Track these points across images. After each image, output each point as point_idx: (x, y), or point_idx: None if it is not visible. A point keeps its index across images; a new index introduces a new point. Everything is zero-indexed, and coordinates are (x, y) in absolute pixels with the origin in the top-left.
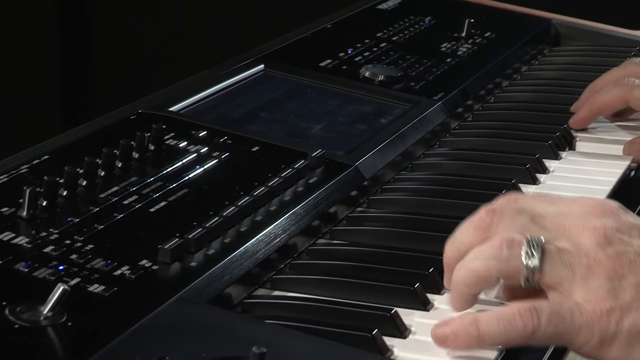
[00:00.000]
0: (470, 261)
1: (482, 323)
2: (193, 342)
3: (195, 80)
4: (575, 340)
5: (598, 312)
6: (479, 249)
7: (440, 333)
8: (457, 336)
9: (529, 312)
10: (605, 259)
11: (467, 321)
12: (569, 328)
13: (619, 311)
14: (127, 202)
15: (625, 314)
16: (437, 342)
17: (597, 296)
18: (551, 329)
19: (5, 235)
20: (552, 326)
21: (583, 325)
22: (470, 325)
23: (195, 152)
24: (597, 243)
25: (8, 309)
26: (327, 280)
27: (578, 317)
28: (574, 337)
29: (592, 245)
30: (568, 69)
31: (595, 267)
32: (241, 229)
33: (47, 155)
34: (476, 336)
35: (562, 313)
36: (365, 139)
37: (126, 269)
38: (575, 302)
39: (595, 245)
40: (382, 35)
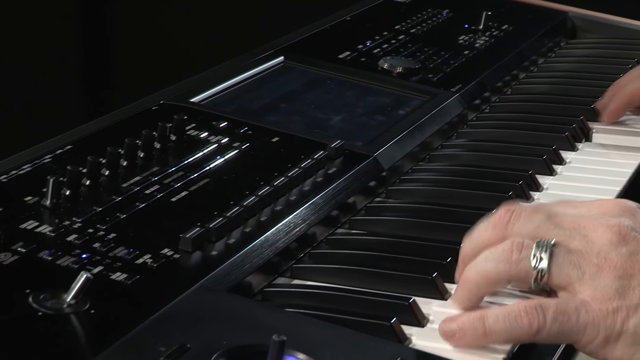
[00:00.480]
0: (482, 263)
1: (488, 320)
2: (214, 329)
3: (216, 71)
4: (581, 338)
5: (604, 311)
6: (490, 251)
7: (447, 328)
8: (464, 332)
9: (534, 310)
10: (616, 258)
11: (474, 317)
12: (574, 326)
13: (626, 310)
14: (149, 192)
15: (632, 313)
16: (444, 338)
17: (605, 295)
18: (556, 327)
19: (29, 224)
20: (557, 324)
21: (588, 324)
22: (477, 321)
23: (216, 143)
24: (610, 241)
25: (32, 297)
26: (346, 269)
27: (584, 315)
28: (579, 335)
29: (605, 244)
30: (584, 61)
31: (605, 266)
32: (261, 218)
33: (70, 145)
34: (482, 333)
35: (568, 311)
36: (383, 130)
37: (148, 258)
38: (582, 301)
39: (608, 244)
40: (400, 28)
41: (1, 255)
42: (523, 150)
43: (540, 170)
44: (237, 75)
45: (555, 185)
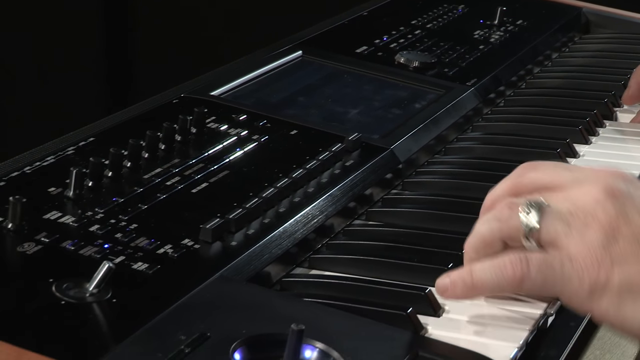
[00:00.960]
0: (477, 227)
1: (476, 272)
2: (233, 318)
3: (235, 65)
4: (565, 290)
5: (589, 263)
6: (484, 214)
7: (440, 283)
8: (455, 285)
9: (518, 260)
10: (603, 215)
11: (463, 271)
12: (559, 278)
13: (610, 262)
14: (170, 183)
15: (617, 266)
16: (439, 293)
17: (590, 248)
18: (540, 277)
19: (52, 215)
20: (541, 275)
21: (573, 276)
22: (466, 274)
23: (236, 135)
24: (597, 199)
25: (55, 286)
26: (363, 259)
27: (568, 267)
28: (563, 287)
29: (592, 202)
30: (598, 56)
31: (592, 222)
32: (280, 209)
33: (92, 138)
34: (471, 284)
35: (553, 263)
36: (400, 123)
37: (169, 248)
38: (568, 254)
39: (594, 202)
40: (416, 23)
41: (25, 245)
42: (537, 144)
43: None
44: (256, 69)
45: None
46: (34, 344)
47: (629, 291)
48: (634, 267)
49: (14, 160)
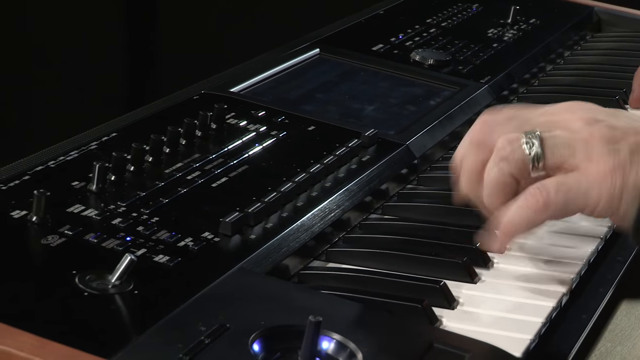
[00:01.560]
0: (487, 175)
1: (503, 217)
2: (252, 310)
3: (254, 63)
4: (587, 203)
5: (602, 173)
6: (489, 161)
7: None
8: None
9: (537, 189)
10: (597, 131)
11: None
12: (578, 194)
13: (621, 168)
14: (191, 178)
15: (628, 169)
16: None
17: (599, 160)
18: (561, 197)
19: (75, 208)
20: (561, 195)
21: (590, 188)
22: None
23: (255, 131)
24: (587, 123)
25: (78, 278)
26: (378, 253)
27: (584, 182)
28: (585, 200)
29: (583, 126)
30: (609, 54)
31: (591, 139)
32: (298, 203)
33: (115, 133)
34: (504, 230)
35: (568, 182)
36: (415, 119)
37: (189, 241)
38: (579, 171)
39: (586, 125)
40: (431, 21)
41: (49, 238)
42: None
43: None
44: (274, 66)
45: None
46: (58, 335)
47: None
48: None
49: (38, 155)
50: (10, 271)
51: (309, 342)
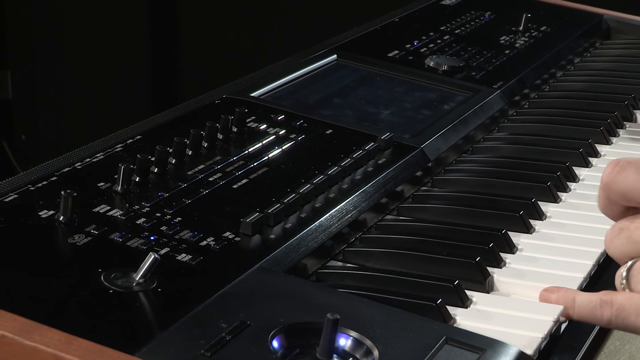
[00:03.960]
0: None
1: (576, 303)
2: (272, 308)
3: (274, 68)
4: None
5: None
6: None
7: (545, 297)
8: None
9: (606, 305)
10: None
11: (568, 297)
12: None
13: None
14: (212, 179)
15: None
16: (541, 300)
17: None
18: (620, 322)
19: (101, 208)
20: (620, 320)
21: None
22: (569, 302)
23: (274, 134)
24: None
25: (103, 276)
26: (394, 252)
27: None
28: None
29: None
30: (618, 60)
31: None
32: (316, 205)
33: (139, 136)
34: (571, 313)
35: (627, 309)
36: (429, 123)
37: (211, 240)
38: None
39: None
40: (445, 29)
41: (75, 237)
42: (560, 144)
43: (577, 162)
44: (294, 72)
45: (591, 177)
46: (84, 331)
47: None
48: None
49: (66, 157)
50: (38, 269)
51: (326, 339)
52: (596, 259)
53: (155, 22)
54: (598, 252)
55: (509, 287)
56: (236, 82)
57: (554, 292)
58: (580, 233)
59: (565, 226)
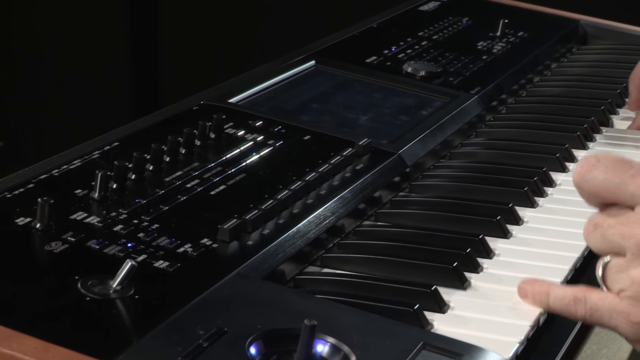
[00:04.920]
0: None
1: (550, 297)
2: (249, 314)
3: (252, 74)
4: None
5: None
6: None
7: (523, 288)
8: (533, 299)
9: (579, 301)
10: None
11: (543, 290)
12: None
13: None
14: (190, 186)
15: None
16: (518, 292)
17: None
18: (595, 321)
19: (78, 215)
20: (595, 319)
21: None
22: (544, 295)
23: (252, 141)
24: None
25: (80, 283)
26: (372, 258)
27: (615, 317)
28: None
29: None
30: (595, 65)
31: None
32: (294, 210)
33: (117, 142)
34: (546, 305)
35: (601, 310)
36: (407, 129)
37: (189, 247)
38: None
39: None
40: (423, 34)
41: (52, 244)
42: (537, 149)
43: (554, 167)
44: (271, 77)
45: (568, 182)
46: (61, 338)
47: None
48: None
49: (43, 164)
50: (15, 277)
51: (304, 345)
52: (573, 263)
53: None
54: (575, 256)
55: (486, 292)
56: (214, 88)
57: (531, 283)
58: (558, 238)
59: (543, 231)
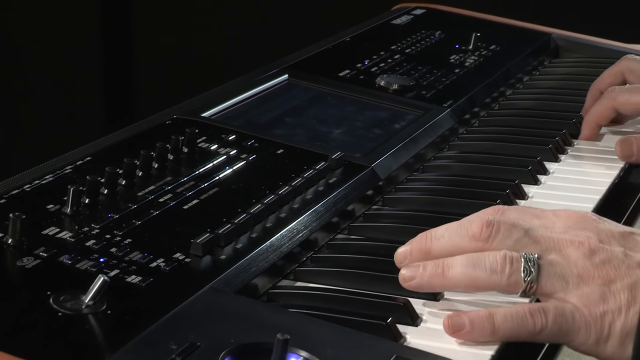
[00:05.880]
0: (471, 268)
1: (497, 318)
2: (222, 328)
3: (225, 88)
4: (575, 339)
5: (594, 315)
6: (478, 257)
7: (456, 322)
8: (472, 327)
9: (538, 312)
10: (592, 268)
11: (483, 315)
12: (571, 328)
13: (611, 314)
14: (163, 200)
15: (617, 316)
16: (451, 330)
17: (590, 301)
18: (556, 328)
19: (50, 230)
20: (557, 326)
21: (582, 327)
22: (486, 319)
23: (225, 155)
24: (583, 255)
25: (52, 298)
26: (345, 272)
27: (578, 318)
28: (574, 336)
29: (580, 257)
30: (567, 78)
31: (585, 275)
32: (267, 224)
33: (89, 157)
34: (491, 330)
35: (565, 314)
36: (380, 142)
37: (161, 261)
38: (574, 305)
39: (582, 257)
40: (396, 48)
41: (24, 260)
42: (510, 161)
43: (526, 180)
44: (245, 91)
45: (539, 194)
46: (33, 354)
47: (629, 334)
48: (630, 312)
49: (15, 179)
50: None
51: (277, 359)
52: None
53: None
54: None
55: (458, 305)
56: (187, 102)
57: (463, 314)
58: None
59: None
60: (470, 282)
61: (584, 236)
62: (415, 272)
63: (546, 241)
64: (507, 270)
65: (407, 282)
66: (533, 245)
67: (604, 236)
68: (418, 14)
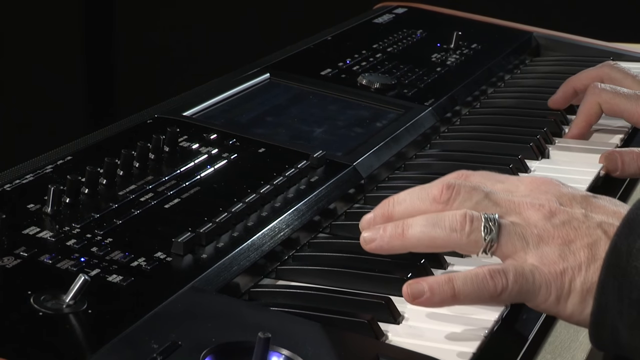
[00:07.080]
0: (430, 227)
1: (457, 282)
2: (203, 327)
3: (206, 87)
4: (536, 298)
5: (554, 273)
6: (437, 216)
7: (415, 289)
8: (432, 293)
9: (498, 274)
10: (552, 229)
11: (443, 280)
12: (531, 287)
13: (571, 271)
14: (144, 199)
15: (577, 273)
16: (411, 297)
17: (550, 260)
18: (517, 288)
19: (31, 230)
20: (517, 286)
21: (542, 285)
22: (446, 284)
23: (207, 154)
24: (543, 216)
25: (33, 298)
26: (327, 270)
27: (538, 277)
28: (534, 295)
29: (540, 219)
30: (548, 77)
31: (544, 236)
32: (248, 223)
33: (70, 156)
34: (451, 295)
35: (525, 274)
36: (362, 141)
37: (142, 261)
38: (533, 265)
39: (542, 219)
40: (377, 47)
41: (4, 259)
42: (491, 160)
43: None
44: (226, 90)
45: None
46: (13, 354)
47: (589, 291)
48: (590, 270)
49: None
50: None
51: (258, 357)
52: None
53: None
54: None
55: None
56: (168, 101)
57: (422, 280)
58: None
59: None
60: (430, 241)
61: (544, 199)
62: (375, 234)
63: (506, 204)
64: (467, 228)
65: (367, 245)
66: (493, 207)
67: (565, 199)
68: (400, 13)
